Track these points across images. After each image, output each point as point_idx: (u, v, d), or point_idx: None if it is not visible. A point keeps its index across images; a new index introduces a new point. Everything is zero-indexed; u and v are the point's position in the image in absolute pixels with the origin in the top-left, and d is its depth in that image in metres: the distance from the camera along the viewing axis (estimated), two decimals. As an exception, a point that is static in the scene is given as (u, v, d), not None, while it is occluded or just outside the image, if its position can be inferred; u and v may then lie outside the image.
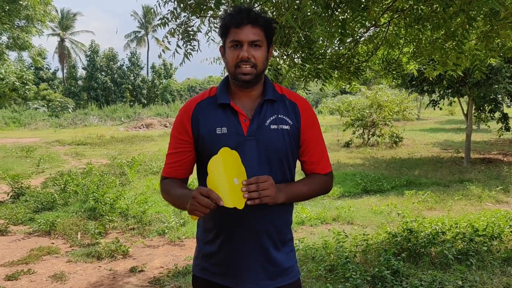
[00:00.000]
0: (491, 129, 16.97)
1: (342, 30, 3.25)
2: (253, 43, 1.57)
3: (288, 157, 1.65)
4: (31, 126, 31.51)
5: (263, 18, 1.59)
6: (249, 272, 1.63)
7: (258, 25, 1.58)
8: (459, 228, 4.92)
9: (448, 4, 3.02)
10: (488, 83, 10.33)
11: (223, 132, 1.60)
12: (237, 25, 1.56)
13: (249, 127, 1.60)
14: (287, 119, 1.65)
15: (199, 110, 1.66)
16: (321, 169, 1.74)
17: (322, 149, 1.74)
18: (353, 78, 5.03)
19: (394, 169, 11.47)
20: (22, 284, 4.26)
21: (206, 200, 1.43)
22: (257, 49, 1.58)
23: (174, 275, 4.36)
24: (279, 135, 1.61)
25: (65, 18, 50.67)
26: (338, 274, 3.90)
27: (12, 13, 13.26)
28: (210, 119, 1.63)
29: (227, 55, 1.61)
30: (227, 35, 1.60)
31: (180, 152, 1.69)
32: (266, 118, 1.62)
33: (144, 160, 12.52)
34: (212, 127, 1.61)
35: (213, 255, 1.68)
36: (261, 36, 1.58)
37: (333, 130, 22.42)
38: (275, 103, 1.66)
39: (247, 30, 1.56)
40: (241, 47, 1.56)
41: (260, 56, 1.58)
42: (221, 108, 1.63)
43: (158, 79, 47.05)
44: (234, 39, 1.57)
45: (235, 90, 1.66)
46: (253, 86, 1.63)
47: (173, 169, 1.71)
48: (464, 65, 4.65)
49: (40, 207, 7.16)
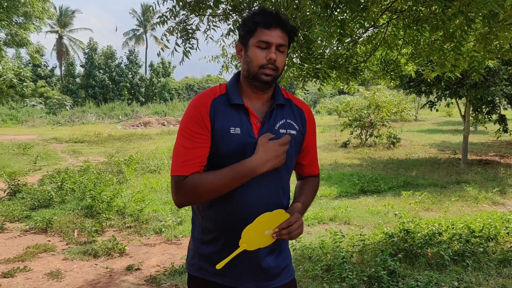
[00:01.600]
0: (488, 131, 17.02)
1: (341, 30, 3.25)
2: (279, 47, 1.56)
3: (292, 160, 1.70)
4: (29, 123, 31.42)
5: (290, 25, 1.60)
6: (248, 272, 1.65)
7: (286, 30, 1.58)
8: (455, 229, 4.94)
9: (447, 6, 3.03)
10: (486, 85, 10.35)
11: (236, 132, 1.58)
12: (266, 26, 1.54)
13: (260, 130, 1.61)
14: (294, 124, 1.67)
15: (216, 107, 1.61)
16: (315, 170, 1.85)
17: (316, 152, 1.84)
18: (351, 79, 5.03)
19: (391, 169, 11.50)
20: (18, 281, 4.25)
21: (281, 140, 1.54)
22: (281, 53, 1.58)
23: (171, 274, 4.36)
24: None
25: (64, 15, 50.55)
26: (335, 274, 3.91)
27: (10, 9, 13.24)
28: (225, 118, 1.60)
29: (251, 54, 1.57)
30: (253, 34, 1.57)
31: (200, 148, 1.57)
32: (276, 122, 1.64)
33: (141, 158, 12.50)
34: (227, 126, 1.59)
35: (212, 255, 1.67)
36: (286, 41, 1.58)
37: (331, 130, 22.46)
38: (284, 108, 1.68)
39: (276, 33, 1.55)
40: (269, 49, 1.55)
41: (283, 61, 1.59)
42: (234, 108, 1.62)
43: (156, 78, 46.97)
44: (263, 39, 1.55)
45: (247, 91, 1.65)
46: (268, 89, 1.63)
47: (195, 166, 1.56)
48: (462, 66, 4.65)
49: (36, 204, 7.14)
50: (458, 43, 3.53)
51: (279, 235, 1.53)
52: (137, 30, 55.32)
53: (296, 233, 1.55)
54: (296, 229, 1.54)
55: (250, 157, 1.52)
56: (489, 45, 3.75)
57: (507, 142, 17.46)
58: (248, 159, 1.52)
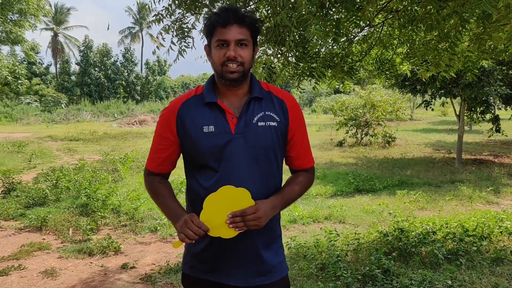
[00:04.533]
0: (483, 130, 17.11)
1: (336, 29, 3.26)
2: (239, 42, 1.57)
3: (276, 153, 1.67)
4: (23, 121, 31.26)
5: (250, 18, 1.60)
6: (239, 269, 1.66)
7: (245, 25, 1.59)
8: (449, 228, 4.97)
9: (441, 6, 3.05)
10: (480, 85, 10.40)
11: (210, 131, 1.60)
12: (223, 25, 1.56)
13: (237, 125, 1.61)
14: (274, 116, 1.66)
15: (185, 109, 1.66)
16: (307, 163, 1.80)
17: (307, 144, 1.80)
18: (347, 78, 5.05)
19: (386, 168, 11.53)
20: (13, 279, 4.24)
21: (196, 228, 1.52)
22: (243, 48, 1.59)
23: (166, 272, 4.36)
24: (267, 132, 1.63)
25: (59, 12, 50.23)
26: (329, 272, 3.92)
27: (5, 6, 13.16)
28: (196, 118, 1.63)
29: (213, 54, 1.61)
30: (213, 34, 1.60)
31: (164, 149, 1.72)
32: (253, 115, 1.63)
33: (137, 156, 12.47)
34: (199, 126, 1.62)
35: (202, 253, 1.68)
36: (247, 35, 1.59)
37: (326, 129, 22.49)
38: (262, 100, 1.67)
39: (233, 30, 1.56)
40: (228, 46, 1.57)
41: (246, 55, 1.59)
42: (207, 106, 1.64)
43: (152, 76, 46.86)
44: (221, 38, 1.57)
45: (221, 89, 1.66)
46: (240, 85, 1.64)
47: (158, 163, 1.76)
48: (457, 66, 4.68)
49: (31, 202, 7.11)
50: (453, 43, 3.55)
51: (233, 223, 1.53)
52: (133, 28, 55.11)
53: (251, 224, 1.53)
54: (251, 220, 1.53)
55: (180, 216, 1.61)
56: (483, 45, 3.78)
57: (501, 142, 17.57)
58: (178, 217, 1.62)
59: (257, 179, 1.62)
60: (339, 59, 4.67)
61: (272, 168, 1.67)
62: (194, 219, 1.54)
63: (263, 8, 3.71)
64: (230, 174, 1.59)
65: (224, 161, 1.60)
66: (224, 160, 1.60)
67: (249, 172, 1.60)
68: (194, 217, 1.54)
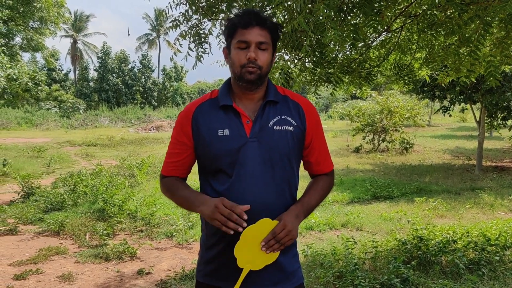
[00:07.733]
0: (503, 137, 16.75)
1: (354, 34, 3.22)
2: (260, 44, 1.55)
3: (292, 157, 1.64)
4: (43, 126, 31.88)
5: (271, 22, 1.59)
6: (254, 276, 1.60)
7: (266, 28, 1.57)
8: (470, 237, 4.84)
9: (463, 10, 2.98)
10: (501, 90, 10.19)
11: (225, 134, 1.58)
12: (245, 26, 1.55)
13: (252, 129, 1.58)
14: (291, 120, 1.63)
15: (200, 113, 1.65)
16: (327, 167, 1.77)
17: (326, 148, 1.77)
18: (364, 83, 4.98)
19: (404, 175, 11.37)
20: (30, 283, 4.28)
21: (228, 211, 1.45)
22: (263, 52, 1.57)
23: (181, 278, 4.35)
24: (283, 136, 1.60)
25: (78, 19, 51.23)
26: (347, 281, 3.85)
27: (26, 14, 13.45)
28: (211, 121, 1.61)
29: (232, 55, 1.59)
30: (233, 36, 1.58)
31: (179, 153, 1.70)
32: (269, 119, 1.61)
33: (153, 162, 12.55)
34: (214, 129, 1.60)
35: (216, 259, 1.65)
36: (268, 39, 1.57)
37: (343, 135, 22.34)
38: (278, 104, 1.65)
39: (255, 31, 1.55)
40: (248, 48, 1.55)
41: (265, 58, 1.57)
42: (222, 110, 1.62)
43: (169, 82, 47.32)
44: (242, 39, 1.55)
45: (238, 92, 1.64)
46: (257, 88, 1.61)
47: (172, 168, 1.73)
48: (478, 71, 4.58)
49: (49, 207, 7.20)
50: (475, 48, 3.47)
51: (269, 247, 1.50)
52: (150, 35, 55.81)
53: (285, 240, 1.51)
54: (284, 237, 1.50)
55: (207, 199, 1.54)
56: (506, 49, 3.69)
57: (523, 148, 17.18)
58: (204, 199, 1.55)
59: (271, 184, 1.58)
60: (356, 65, 4.61)
61: (287, 173, 1.63)
62: (226, 202, 1.47)
63: (279, 13, 3.69)
64: (243, 179, 1.56)
65: (238, 165, 1.56)
66: (238, 164, 1.56)
67: (263, 177, 1.57)
68: (225, 200, 1.48)
